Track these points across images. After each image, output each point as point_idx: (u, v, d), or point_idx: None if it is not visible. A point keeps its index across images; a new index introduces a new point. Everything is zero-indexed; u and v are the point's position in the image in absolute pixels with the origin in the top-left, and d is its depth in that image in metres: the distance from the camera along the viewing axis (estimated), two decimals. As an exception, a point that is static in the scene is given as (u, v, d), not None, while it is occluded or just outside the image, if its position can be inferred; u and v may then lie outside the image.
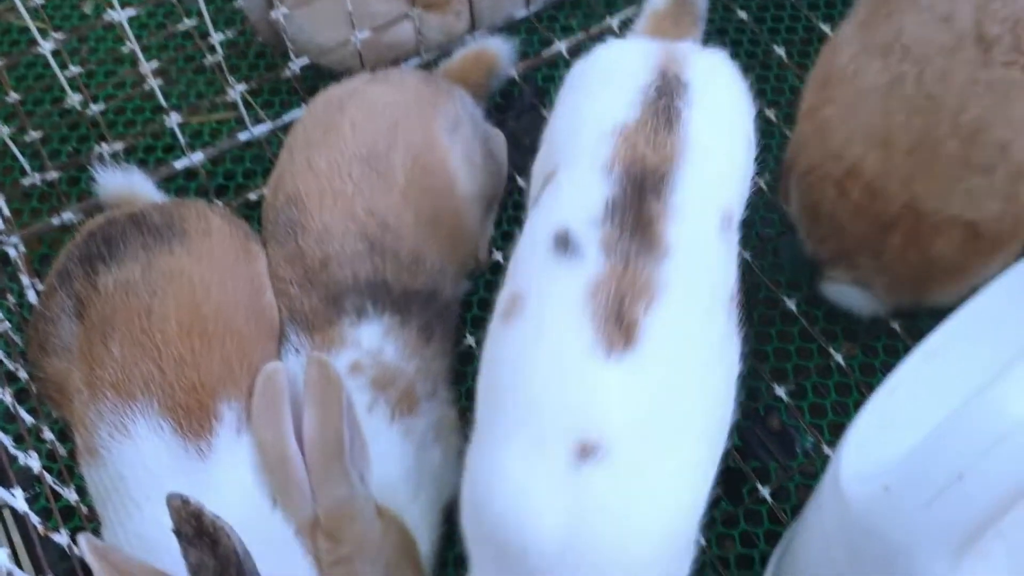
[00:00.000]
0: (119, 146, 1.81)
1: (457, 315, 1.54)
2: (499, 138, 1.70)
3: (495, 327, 1.11)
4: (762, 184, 1.76)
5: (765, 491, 1.48)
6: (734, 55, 1.91)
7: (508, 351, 1.07)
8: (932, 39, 1.25)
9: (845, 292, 1.53)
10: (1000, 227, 1.33)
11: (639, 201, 1.07)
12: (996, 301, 1.23)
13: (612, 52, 1.29)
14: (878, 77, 1.30)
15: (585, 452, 0.96)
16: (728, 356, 1.11)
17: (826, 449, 1.49)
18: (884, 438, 1.18)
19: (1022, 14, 1.23)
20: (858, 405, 1.23)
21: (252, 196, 1.78)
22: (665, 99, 1.16)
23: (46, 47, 1.63)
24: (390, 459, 1.30)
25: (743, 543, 1.47)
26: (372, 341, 1.36)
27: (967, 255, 1.37)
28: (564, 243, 1.06)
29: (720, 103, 1.23)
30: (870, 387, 1.25)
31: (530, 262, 1.11)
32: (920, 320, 1.53)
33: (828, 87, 1.40)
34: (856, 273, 1.48)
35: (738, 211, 1.19)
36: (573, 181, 1.13)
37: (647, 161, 1.10)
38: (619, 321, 1.00)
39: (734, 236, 1.16)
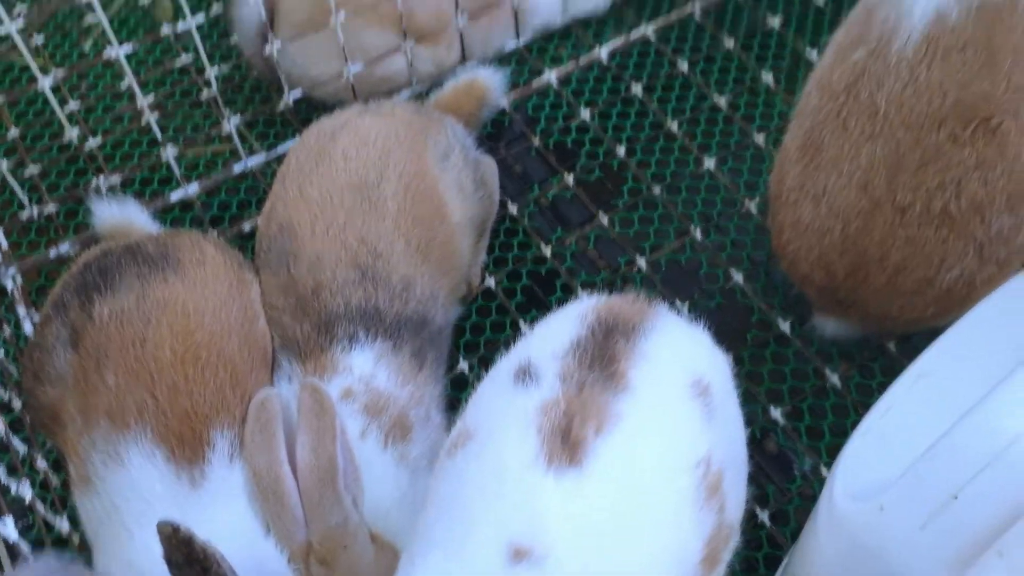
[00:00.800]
0: (116, 179, 1.83)
1: (449, 341, 1.55)
2: (490, 166, 1.72)
3: (440, 463, 1.08)
4: (752, 208, 1.78)
5: (764, 515, 1.47)
6: (722, 83, 1.96)
7: (451, 476, 1.04)
8: (852, 203, 1.38)
9: (825, 320, 1.57)
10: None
11: (606, 340, 1.05)
12: (986, 319, 1.24)
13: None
14: (812, 219, 1.43)
15: (519, 555, 0.93)
16: (687, 518, 1.02)
17: (824, 471, 1.49)
18: (879, 458, 1.18)
19: (931, 185, 1.32)
20: (855, 426, 1.23)
21: (246, 226, 1.80)
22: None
23: (46, 83, 1.65)
24: (383, 485, 1.30)
25: (743, 568, 1.46)
26: (364, 367, 1.37)
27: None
28: (524, 373, 1.04)
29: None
30: (867, 408, 1.25)
31: (486, 397, 1.09)
32: (916, 338, 1.53)
33: (787, 195, 1.48)
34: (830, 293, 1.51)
35: (715, 384, 1.10)
36: (545, 324, 1.14)
37: (621, 311, 1.10)
38: (566, 438, 0.97)
39: (712, 408, 1.08)
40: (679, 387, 1.06)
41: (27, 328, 1.68)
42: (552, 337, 1.09)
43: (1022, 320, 1.21)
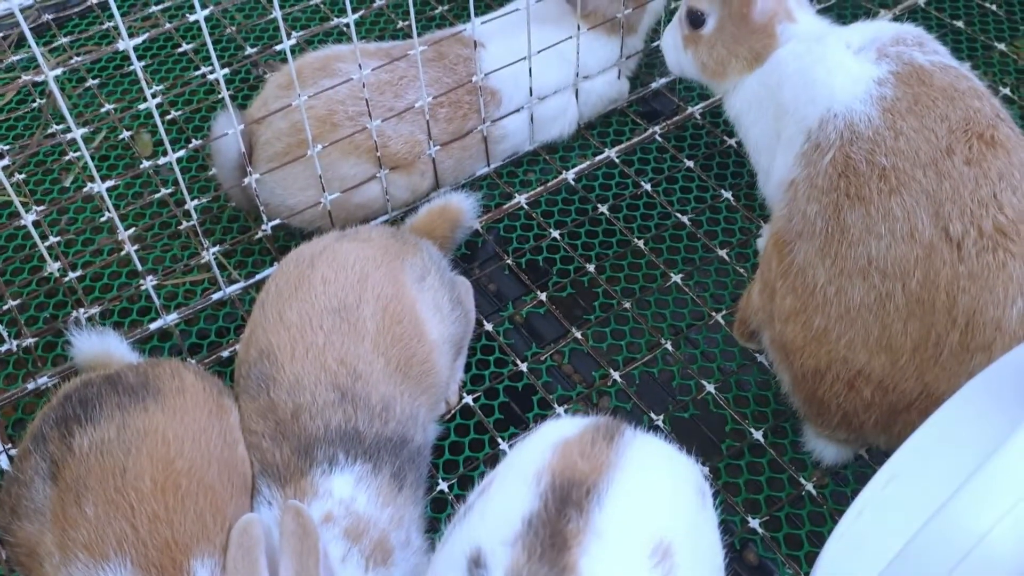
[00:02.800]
0: (95, 310, 1.86)
1: (429, 460, 1.56)
2: (465, 286, 1.77)
3: None
4: (719, 319, 1.83)
5: (747, 626, 1.47)
6: (684, 201, 2.03)
7: None
8: (905, 255, 1.38)
9: (825, 447, 1.59)
10: None
11: (559, 516, 1.03)
12: (951, 420, 1.28)
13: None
14: (866, 296, 1.41)
15: None
16: None
17: (804, 580, 1.49)
18: (854, 562, 1.19)
19: (973, 206, 1.36)
20: (832, 533, 1.24)
21: (224, 353, 1.82)
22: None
23: (28, 219, 1.69)
24: (365, 610, 1.29)
25: None
26: (344, 490, 1.37)
27: None
28: (475, 564, 1.03)
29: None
30: (842, 514, 1.27)
31: None
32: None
33: (810, 301, 1.48)
34: (855, 437, 1.53)
35: (680, 535, 1.08)
36: (501, 489, 1.13)
37: (576, 471, 1.08)
38: None
39: (675, 567, 1.05)
40: (637, 562, 1.03)
41: (3, 463, 1.67)
42: (504, 514, 1.06)
43: (984, 420, 1.24)
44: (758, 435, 1.66)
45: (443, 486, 1.63)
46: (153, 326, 1.87)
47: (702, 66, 1.77)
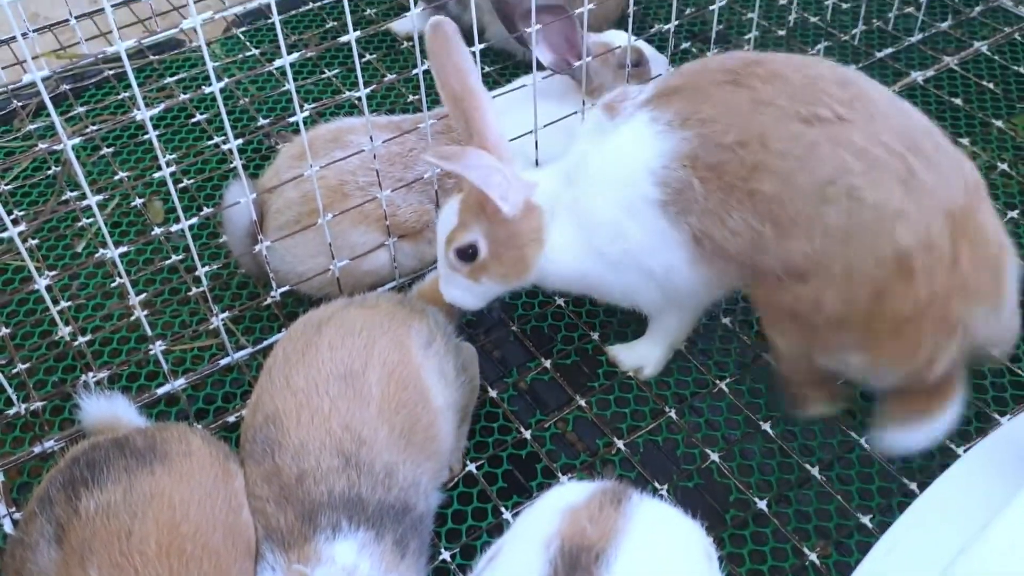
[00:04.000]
0: (104, 374, 1.87)
1: (431, 529, 1.55)
2: (470, 352, 1.78)
3: None
4: (723, 387, 1.84)
5: None
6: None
7: None
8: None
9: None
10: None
11: None
12: (947, 491, 1.28)
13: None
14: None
15: None
16: None
17: (810, 652, 1.48)
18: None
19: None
20: (835, 605, 1.24)
21: (231, 418, 1.83)
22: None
23: (41, 284, 1.72)
24: None
25: None
26: (347, 557, 1.37)
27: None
28: None
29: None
30: (845, 584, 1.27)
31: None
32: (891, 515, 1.56)
33: (825, 273, 1.51)
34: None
35: None
36: (511, 556, 1.15)
37: (585, 537, 1.10)
38: None
39: None
40: None
41: (7, 527, 1.67)
42: None
43: (981, 490, 1.25)
44: (762, 505, 1.66)
45: (445, 555, 1.63)
46: (161, 391, 1.88)
47: (505, 279, 1.73)
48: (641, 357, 1.88)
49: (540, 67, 1.93)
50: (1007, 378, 1.83)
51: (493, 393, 1.87)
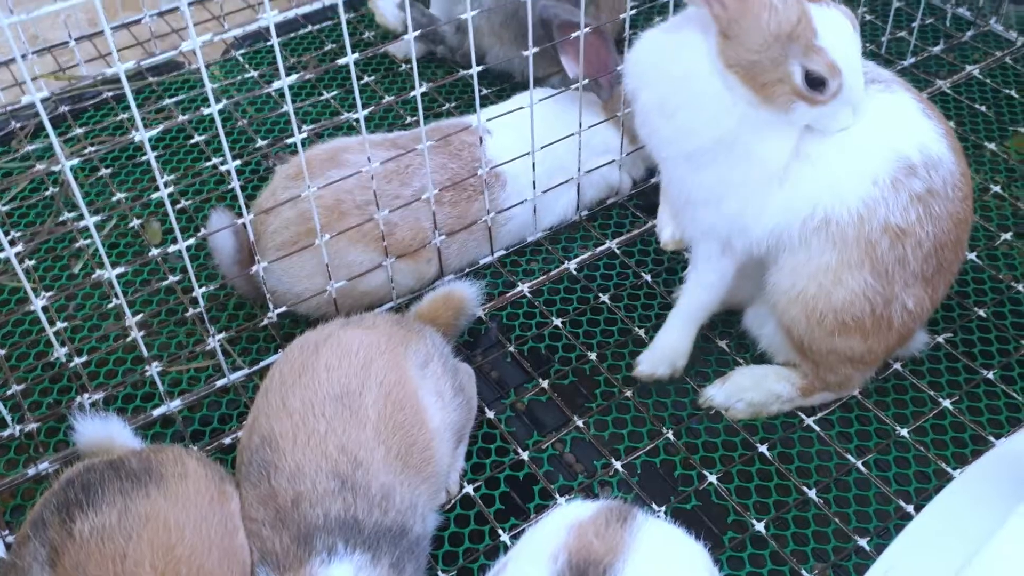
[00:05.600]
0: (99, 396, 1.87)
1: (428, 552, 1.54)
2: (468, 373, 1.78)
3: None
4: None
5: None
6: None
7: None
8: None
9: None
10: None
11: None
12: (944, 512, 1.28)
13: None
14: None
15: None
16: None
17: (809, 676, 1.47)
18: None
19: None
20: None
21: (227, 440, 1.82)
22: None
23: (37, 304, 1.71)
24: None
25: None
26: (344, 580, 1.36)
27: None
28: None
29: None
30: (842, 606, 1.26)
31: None
32: (888, 537, 1.55)
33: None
34: None
35: None
36: (518, 569, 1.16)
37: (592, 551, 1.11)
38: None
39: None
40: None
41: (0, 550, 1.65)
42: None
43: (978, 509, 1.25)
44: (760, 527, 1.66)
45: (443, 577, 1.62)
46: (156, 412, 1.88)
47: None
48: (663, 356, 1.89)
49: (538, 83, 1.95)
50: (1002, 400, 1.83)
51: (490, 414, 1.86)
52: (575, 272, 2.14)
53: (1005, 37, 2.78)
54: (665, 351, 1.88)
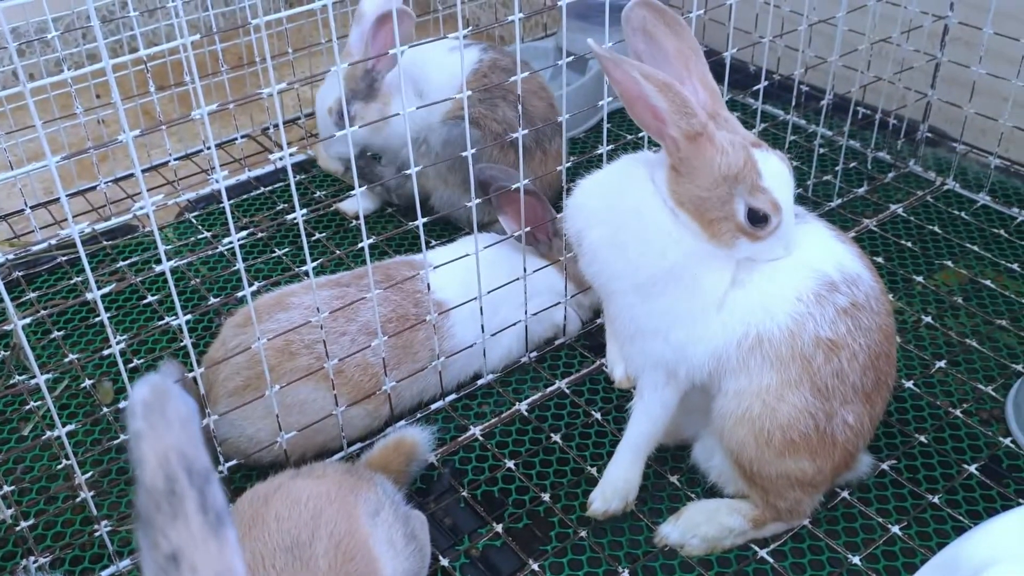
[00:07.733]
0: (46, 559, 1.83)
1: None
2: (420, 520, 1.78)
3: None
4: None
5: None
6: None
7: None
8: None
9: None
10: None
11: None
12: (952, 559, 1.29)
13: None
14: None
15: None
16: None
17: None
18: None
19: None
20: None
21: (177, 600, 1.78)
22: None
23: (-17, 469, 1.70)
24: None
25: None
26: None
27: None
28: None
29: None
30: None
31: None
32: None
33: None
34: None
35: None
36: None
37: None
38: None
39: None
40: None
41: None
42: None
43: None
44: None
45: None
46: (105, 573, 1.84)
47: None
48: (615, 490, 1.90)
49: (483, 228, 2.03)
50: (949, 524, 1.86)
51: (445, 562, 1.85)
52: (526, 413, 2.18)
53: (924, 177, 2.96)
54: (617, 485, 1.89)
